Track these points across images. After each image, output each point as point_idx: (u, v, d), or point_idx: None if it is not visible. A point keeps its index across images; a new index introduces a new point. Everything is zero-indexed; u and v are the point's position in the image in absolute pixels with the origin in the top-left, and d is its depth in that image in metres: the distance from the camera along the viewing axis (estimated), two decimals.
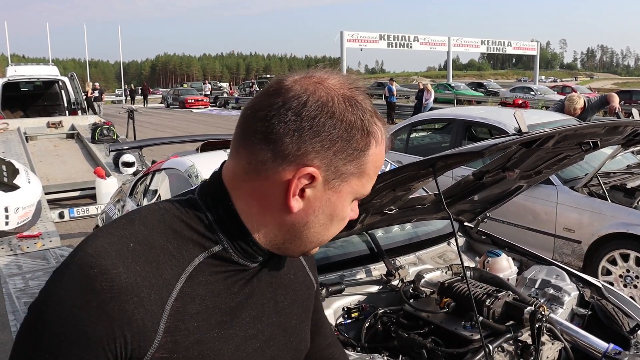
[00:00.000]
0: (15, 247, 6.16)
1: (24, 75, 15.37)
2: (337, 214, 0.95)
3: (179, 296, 0.89)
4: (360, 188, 0.94)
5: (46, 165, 10.40)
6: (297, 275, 1.14)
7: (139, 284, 0.85)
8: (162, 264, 0.89)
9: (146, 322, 0.85)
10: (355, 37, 47.01)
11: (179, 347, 0.88)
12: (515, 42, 59.95)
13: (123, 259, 0.86)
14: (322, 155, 0.89)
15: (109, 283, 0.83)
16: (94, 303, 0.82)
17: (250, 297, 1.00)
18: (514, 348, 2.46)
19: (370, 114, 0.92)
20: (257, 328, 1.01)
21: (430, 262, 3.28)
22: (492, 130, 6.41)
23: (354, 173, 0.92)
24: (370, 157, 0.92)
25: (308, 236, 0.96)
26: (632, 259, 4.96)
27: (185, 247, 0.92)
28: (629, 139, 2.93)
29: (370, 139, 0.92)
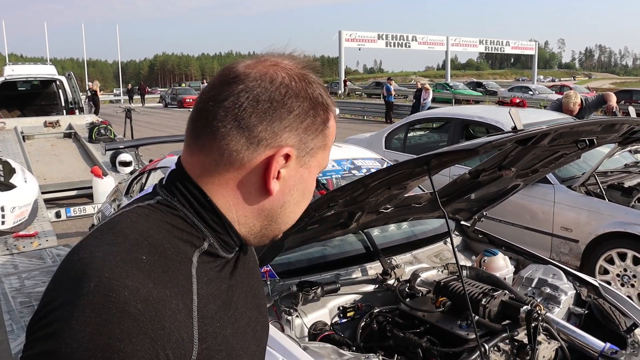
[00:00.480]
0: (12, 247, 6.14)
1: (22, 75, 15.33)
2: (308, 189, 0.98)
3: (199, 300, 0.86)
4: (323, 161, 0.98)
5: (43, 165, 10.38)
6: (254, 256, 1.18)
7: (168, 296, 0.81)
8: (174, 270, 0.85)
9: (183, 334, 0.81)
10: (353, 36, 47.09)
11: (212, 352, 0.86)
12: (513, 41, 60.09)
13: (146, 274, 0.80)
14: (294, 134, 0.91)
15: (144, 303, 0.77)
16: (134, 329, 0.74)
17: (238, 286, 1.01)
18: (510, 347, 2.45)
19: (323, 88, 0.96)
20: (247, 315, 1.02)
21: (427, 261, 3.27)
22: (489, 129, 6.41)
23: (320, 147, 0.95)
24: (330, 129, 0.97)
25: (284, 217, 0.98)
26: (629, 258, 4.96)
27: (180, 249, 0.89)
28: (626, 137, 2.92)
29: (329, 112, 0.96)
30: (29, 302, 4.72)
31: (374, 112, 27.40)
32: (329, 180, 3.75)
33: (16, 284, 5.15)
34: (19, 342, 4.04)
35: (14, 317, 4.47)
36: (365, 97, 42.77)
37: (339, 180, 3.79)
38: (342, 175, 3.75)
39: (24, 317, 4.45)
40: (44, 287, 5.01)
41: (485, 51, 59.87)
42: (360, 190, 2.42)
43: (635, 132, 2.83)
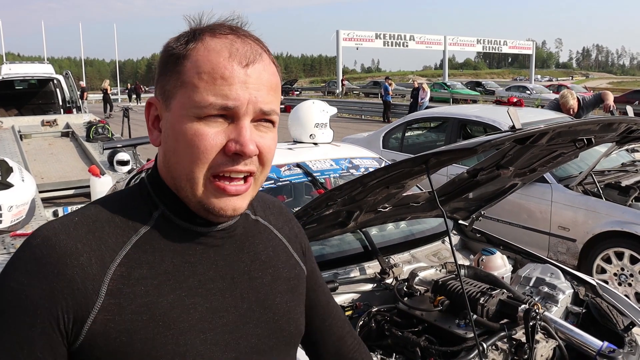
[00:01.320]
0: (9, 246, 6.12)
1: (19, 74, 15.29)
2: (180, 134, 0.92)
3: (122, 262, 0.91)
4: (186, 99, 0.92)
5: (40, 164, 10.35)
6: (277, 252, 1.13)
7: (79, 249, 0.89)
8: (107, 234, 0.93)
9: (87, 285, 0.87)
10: (351, 36, 47.10)
11: (124, 310, 0.89)
12: (511, 41, 60.15)
13: (65, 229, 0.91)
14: (158, 86, 0.97)
15: (49, 249, 0.88)
16: (35, 269, 0.87)
17: (214, 268, 1.00)
18: (508, 346, 2.45)
19: (198, 31, 0.95)
20: (227, 302, 0.99)
21: (425, 260, 3.27)
22: (486, 128, 6.42)
23: (176, 86, 0.93)
24: (187, 66, 0.92)
25: (174, 171, 0.96)
26: (626, 257, 4.97)
27: (133, 218, 0.96)
28: (623, 136, 2.92)
29: (185, 52, 0.93)
30: None
31: (372, 112, 27.42)
32: (327, 180, 3.75)
33: None
34: None
35: None
36: (363, 96, 42.78)
37: (336, 179, 3.79)
38: (340, 175, 3.75)
39: None
40: None
41: (482, 51, 59.95)
42: (358, 189, 2.42)
43: (633, 131, 2.83)
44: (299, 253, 1.20)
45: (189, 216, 0.98)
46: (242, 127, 0.91)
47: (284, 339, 1.07)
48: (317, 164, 3.68)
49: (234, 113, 0.91)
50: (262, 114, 0.94)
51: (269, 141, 0.96)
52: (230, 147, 0.91)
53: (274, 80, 0.96)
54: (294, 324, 1.10)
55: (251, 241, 1.08)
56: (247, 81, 0.91)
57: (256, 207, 1.16)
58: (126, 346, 0.88)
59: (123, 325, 0.88)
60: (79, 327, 0.87)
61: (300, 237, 1.23)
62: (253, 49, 0.94)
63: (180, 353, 0.91)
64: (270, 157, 0.97)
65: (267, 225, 1.15)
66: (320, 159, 3.74)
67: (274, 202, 1.24)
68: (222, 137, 0.91)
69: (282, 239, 1.16)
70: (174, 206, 0.99)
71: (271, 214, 1.19)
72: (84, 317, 0.87)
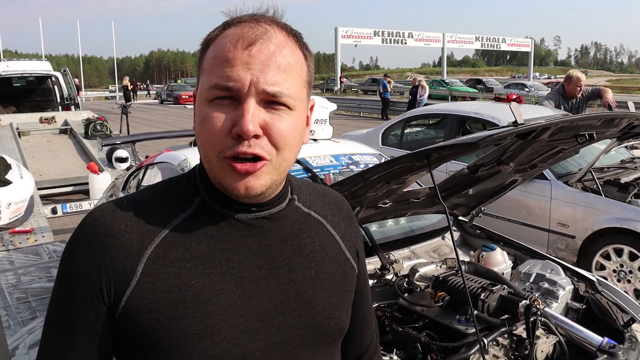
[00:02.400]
0: (8, 243, 6.13)
1: (17, 71, 15.25)
2: (201, 118, 0.95)
3: (160, 243, 0.97)
4: (201, 85, 0.96)
5: (39, 161, 10.35)
6: (325, 248, 1.11)
7: (122, 229, 0.96)
8: (150, 217, 0.99)
9: (126, 263, 0.94)
10: (349, 33, 47.04)
11: (157, 288, 0.94)
12: (509, 38, 60.15)
13: (112, 211, 0.99)
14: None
15: (97, 229, 0.97)
16: (85, 245, 0.96)
17: (251, 257, 1.00)
18: (508, 342, 2.45)
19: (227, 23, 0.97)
20: (262, 290, 1.00)
21: (425, 256, 3.27)
22: (486, 125, 6.41)
23: (199, 75, 0.99)
24: (205, 55, 0.97)
25: (201, 154, 0.99)
26: (625, 254, 4.97)
27: (176, 203, 1.02)
28: (625, 132, 2.92)
29: (207, 42, 0.98)
30: (26, 298, 4.71)
31: (370, 109, 27.40)
32: (327, 176, 3.75)
33: (12, 280, 5.13)
34: (16, 338, 4.03)
35: (11, 313, 4.45)
36: (361, 93, 42.76)
37: (336, 175, 3.78)
38: (339, 171, 3.74)
39: (21, 313, 4.44)
40: (40, 283, 5.01)
41: (481, 48, 59.94)
42: (359, 185, 2.41)
43: (634, 126, 2.83)
44: (352, 252, 1.17)
45: (227, 202, 1.00)
46: (243, 108, 0.91)
47: (322, 335, 1.06)
48: (316, 160, 3.67)
49: (236, 94, 0.91)
50: (267, 95, 0.92)
51: (281, 124, 0.94)
52: (234, 130, 0.91)
53: (285, 62, 0.94)
54: (334, 320, 1.08)
55: (297, 234, 1.07)
56: (250, 62, 0.91)
57: (313, 201, 1.15)
58: (155, 322, 0.93)
59: (154, 303, 0.93)
60: (118, 301, 0.94)
61: (356, 237, 1.21)
62: (261, 30, 0.93)
63: (207, 334, 0.94)
64: (284, 141, 0.95)
65: (319, 220, 1.13)
66: (319, 155, 3.73)
67: (335, 197, 1.23)
68: (228, 119, 0.92)
69: (334, 235, 1.14)
70: (213, 192, 1.01)
71: (329, 209, 1.17)
72: (122, 292, 0.94)
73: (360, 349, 1.28)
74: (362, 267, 1.22)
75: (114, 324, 0.96)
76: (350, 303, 1.15)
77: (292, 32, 0.98)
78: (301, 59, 0.98)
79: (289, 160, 0.99)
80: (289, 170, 1.02)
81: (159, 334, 0.93)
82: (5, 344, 3.97)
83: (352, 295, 1.16)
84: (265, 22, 0.95)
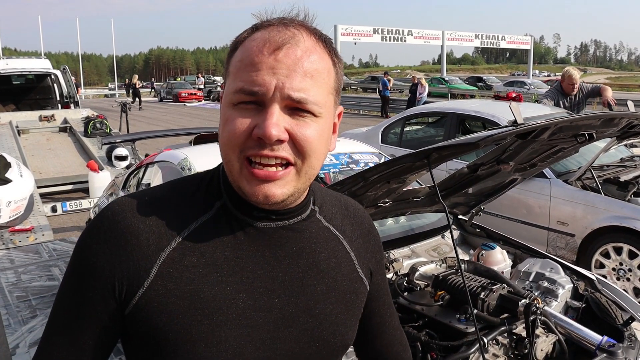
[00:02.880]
0: (8, 241, 6.13)
1: (16, 69, 15.25)
2: (224, 119, 0.94)
3: (177, 247, 0.96)
4: (227, 88, 0.95)
5: (38, 159, 10.35)
6: (339, 264, 1.09)
7: (141, 229, 0.95)
8: (170, 217, 0.98)
9: (141, 263, 0.94)
10: (349, 30, 46.95)
11: (169, 292, 0.93)
12: (509, 36, 60.04)
13: (132, 207, 0.98)
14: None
15: (114, 224, 0.95)
16: (102, 239, 0.95)
17: (265, 267, 0.99)
18: (508, 341, 2.46)
19: (255, 26, 0.96)
20: (272, 302, 0.99)
21: (425, 255, 3.27)
22: (485, 123, 6.41)
23: (226, 77, 0.98)
24: (233, 58, 0.96)
25: (222, 156, 0.98)
26: (625, 252, 4.97)
27: (197, 206, 1.00)
28: (624, 131, 2.92)
29: (236, 45, 0.96)
30: (26, 297, 4.71)
31: (370, 107, 27.38)
32: (327, 175, 3.75)
33: (12, 278, 5.13)
34: (16, 337, 4.03)
35: (11, 311, 4.46)
36: (361, 91, 42.73)
37: (336, 174, 3.78)
38: (339, 170, 3.75)
39: (21, 312, 4.44)
40: (40, 281, 5.02)
41: (480, 46, 59.78)
42: (359, 184, 2.41)
43: (634, 126, 2.83)
44: (365, 269, 1.16)
45: (248, 209, 0.99)
46: (267, 113, 0.89)
47: (325, 350, 1.06)
48: None
49: (261, 99, 0.90)
50: (292, 102, 0.90)
51: (306, 130, 0.92)
52: (255, 132, 0.90)
53: (312, 67, 0.92)
54: (340, 336, 1.08)
55: (314, 248, 1.05)
56: (276, 66, 0.89)
57: (334, 214, 1.13)
58: (164, 326, 0.93)
59: (165, 307, 0.93)
60: (129, 299, 0.94)
61: (372, 252, 1.19)
62: (289, 35, 0.92)
63: (213, 343, 0.94)
64: (309, 148, 0.92)
65: (337, 235, 1.11)
66: None
67: (357, 211, 1.21)
68: (250, 122, 0.91)
69: (349, 252, 1.12)
70: (234, 196, 1.00)
71: (349, 224, 1.15)
72: (134, 291, 0.93)
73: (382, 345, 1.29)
74: (376, 281, 1.20)
75: (122, 319, 0.96)
76: (357, 320, 1.15)
77: (321, 37, 0.96)
78: (329, 65, 0.96)
79: (315, 168, 0.97)
80: (313, 178, 1.00)
81: (167, 337, 0.93)
82: (6, 343, 3.98)
83: (360, 312, 1.15)
84: (294, 26, 0.94)
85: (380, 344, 1.28)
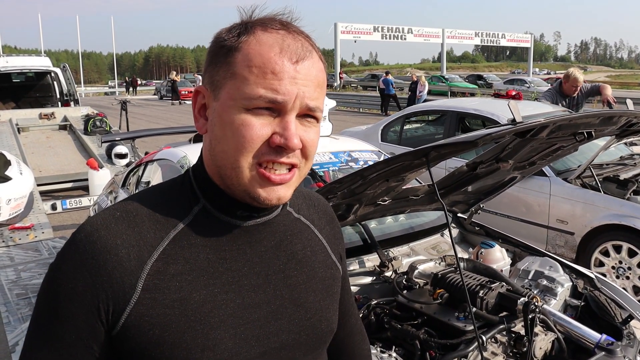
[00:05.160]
0: (7, 239, 6.13)
1: (16, 66, 15.22)
2: (227, 123, 0.94)
3: (160, 257, 0.95)
4: (234, 90, 0.94)
5: (38, 157, 10.35)
6: (315, 252, 1.14)
7: (119, 245, 0.93)
8: (146, 229, 0.97)
9: (125, 280, 0.92)
10: (349, 28, 46.95)
11: (158, 304, 0.93)
12: (509, 34, 60.07)
13: (106, 225, 0.95)
14: (207, 75, 0.99)
15: (91, 245, 0.93)
16: (79, 262, 0.92)
17: (248, 265, 1.02)
18: (507, 339, 2.46)
19: (249, 25, 0.96)
20: (259, 298, 1.01)
21: (424, 253, 3.27)
22: (485, 121, 6.41)
23: (226, 77, 0.95)
24: (238, 58, 0.94)
25: (219, 159, 0.98)
26: (624, 251, 4.98)
27: (172, 213, 1.00)
28: (623, 130, 2.92)
29: (237, 44, 0.95)
30: (25, 294, 4.72)
31: (370, 105, 27.39)
32: (326, 173, 3.75)
33: (12, 276, 5.14)
34: (16, 334, 4.04)
35: (11, 309, 4.46)
36: (361, 89, 42.73)
37: (335, 172, 3.79)
38: (339, 168, 3.75)
39: (21, 309, 4.44)
40: (40, 279, 5.01)
41: (480, 44, 59.83)
42: (358, 183, 2.42)
43: (633, 124, 2.83)
44: (337, 255, 1.21)
45: (230, 209, 1.01)
46: (288, 122, 0.93)
47: (314, 336, 1.09)
48: (316, 157, 3.67)
49: (281, 107, 0.93)
50: (307, 110, 0.95)
51: (312, 135, 0.97)
52: (275, 140, 0.92)
53: (321, 77, 0.98)
54: (326, 322, 1.12)
55: (290, 240, 1.09)
56: (297, 77, 0.93)
57: (300, 205, 1.18)
58: (158, 338, 0.92)
59: (156, 319, 0.92)
60: (116, 319, 0.92)
61: (339, 239, 1.25)
62: (304, 46, 0.95)
63: (209, 347, 0.94)
64: (312, 151, 0.99)
65: (308, 225, 1.16)
66: (319, 152, 3.73)
67: (319, 200, 1.25)
68: (268, 129, 0.93)
69: (321, 240, 1.18)
70: (215, 199, 1.01)
71: (315, 213, 1.20)
72: (121, 309, 0.91)
73: (344, 332, 1.32)
74: (344, 268, 1.26)
75: (110, 342, 0.94)
76: (337, 304, 1.19)
77: (316, 46, 1.01)
78: (325, 73, 1.01)
79: (310, 168, 1.03)
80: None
81: (162, 349, 0.92)
82: (5, 340, 3.98)
83: (338, 297, 1.20)
84: (301, 35, 0.98)
85: (343, 332, 1.31)
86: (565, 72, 7.56)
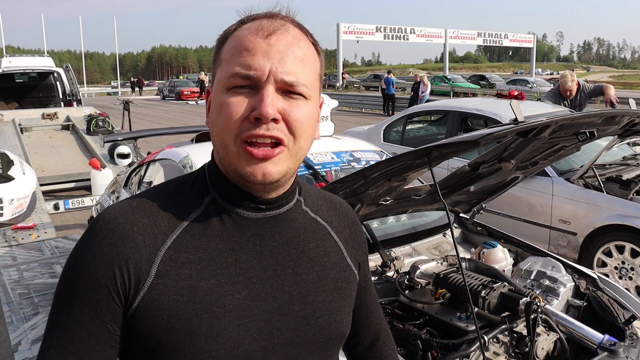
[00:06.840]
0: (10, 239, 6.15)
1: (19, 67, 15.27)
2: (219, 107, 0.97)
3: (172, 245, 0.98)
4: (220, 74, 0.98)
5: (41, 157, 10.37)
6: (328, 253, 1.13)
7: (135, 232, 0.97)
8: (161, 218, 1.00)
9: (140, 265, 0.95)
10: (351, 29, 46.93)
11: (169, 290, 0.95)
12: (511, 34, 60.00)
13: (124, 213, 1.00)
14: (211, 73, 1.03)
15: (109, 231, 0.97)
16: (97, 248, 0.96)
17: (257, 257, 1.03)
18: (509, 339, 2.45)
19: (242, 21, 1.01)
20: (266, 291, 1.02)
21: (426, 253, 3.27)
22: (487, 121, 6.40)
23: (216, 67, 1.01)
24: (224, 48, 1.00)
25: (216, 143, 1.01)
26: (627, 251, 4.97)
27: (185, 203, 1.03)
28: (626, 130, 2.91)
29: (226, 37, 1.01)
30: (28, 294, 4.73)
31: (372, 105, 27.38)
32: (328, 173, 3.75)
33: (15, 275, 5.15)
34: (19, 334, 4.05)
35: (13, 308, 4.47)
36: (364, 89, 42.72)
37: (338, 172, 3.78)
38: (341, 168, 3.75)
39: (23, 309, 4.45)
40: (42, 278, 5.03)
41: (483, 44, 59.71)
42: (360, 182, 2.41)
43: (636, 124, 2.83)
44: (353, 259, 1.20)
45: (237, 200, 1.03)
46: (263, 94, 0.94)
47: (321, 337, 1.08)
48: (318, 156, 3.68)
49: (256, 81, 0.94)
50: (285, 85, 0.95)
51: (297, 111, 0.97)
52: (253, 113, 0.94)
53: (300, 53, 0.98)
54: (335, 324, 1.10)
55: (302, 238, 1.09)
56: (269, 51, 0.95)
57: (319, 206, 1.18)
58: (166, 323, 0.95)
59: (166, 305, 0.95)
60: (131, 302, 0.95)
61: (359, 244, 1.24)
62: (278, 23, 0.98)
63: (212, 336, 0.96)
64: (300, 128, 0.98)
65: (324, 226, 1.16)
66: (321, 152, 3.73)
67: (341, 204, 1.26)
68: (247, 105, 0.95)
69: (337, 242, 1.17)
70: (224, 190, 1.04)
71: (335, 215, 1.21)
72: (135, 293, 0.95)
73: (370, 334, 1.33)
74: (363, 272, 1.25)
75: (125, 324, 0.97)
76: (351, 308, 1.18)
77: (304, 29, 1.02)
78: (315, 54, 1.03)
79: (304, 149, 1.02)
80: (302, 159, 1.05)
81: (169, 334, 0.95)
82: (8, 340, 3.99)
83: (352, 301, 1.19)
84: (281, 17, 1.00)
85: (368, 333, 1.32)
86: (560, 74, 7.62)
